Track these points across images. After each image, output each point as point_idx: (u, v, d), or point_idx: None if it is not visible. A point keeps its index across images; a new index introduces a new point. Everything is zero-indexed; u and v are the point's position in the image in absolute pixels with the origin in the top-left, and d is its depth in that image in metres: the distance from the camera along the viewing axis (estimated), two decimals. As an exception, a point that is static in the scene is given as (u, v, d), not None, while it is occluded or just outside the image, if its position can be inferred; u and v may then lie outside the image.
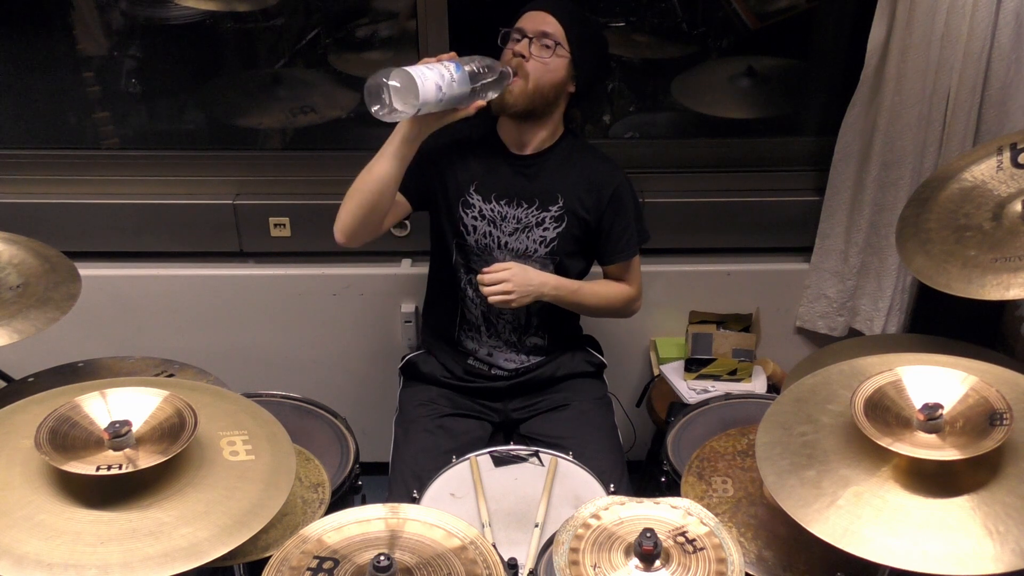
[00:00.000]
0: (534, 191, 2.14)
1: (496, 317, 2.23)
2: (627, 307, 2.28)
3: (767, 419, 1.67)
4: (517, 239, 2.15)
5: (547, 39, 2.02)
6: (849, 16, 2.64)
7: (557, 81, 2.06)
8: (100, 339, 2.65)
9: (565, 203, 2.13)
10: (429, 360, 2.31)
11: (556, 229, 2.14)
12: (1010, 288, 1.79)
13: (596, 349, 2.39)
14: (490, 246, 2.16)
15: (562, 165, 2.15)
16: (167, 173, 2.68)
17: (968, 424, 1.50)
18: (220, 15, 2.72)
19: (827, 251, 2.62)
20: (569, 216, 2.14)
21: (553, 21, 2.04)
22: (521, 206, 2.14)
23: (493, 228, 2.15)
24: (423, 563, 1.44)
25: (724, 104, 2.83)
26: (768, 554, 1.72)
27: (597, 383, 2.33)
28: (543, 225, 2.14)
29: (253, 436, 1.63)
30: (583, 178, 2.15)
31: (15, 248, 2.08)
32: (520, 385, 2.27)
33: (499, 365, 2.27)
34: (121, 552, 1.39)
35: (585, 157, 2.17)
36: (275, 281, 2.70)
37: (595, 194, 2.14)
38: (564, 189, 2.14)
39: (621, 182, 2.16)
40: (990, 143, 2.07)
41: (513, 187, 2.14)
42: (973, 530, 1.40)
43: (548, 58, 2.03)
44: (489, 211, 2.15)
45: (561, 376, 2.29)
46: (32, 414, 1.57)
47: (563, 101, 2.12)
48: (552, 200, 2.13)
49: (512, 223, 2.15)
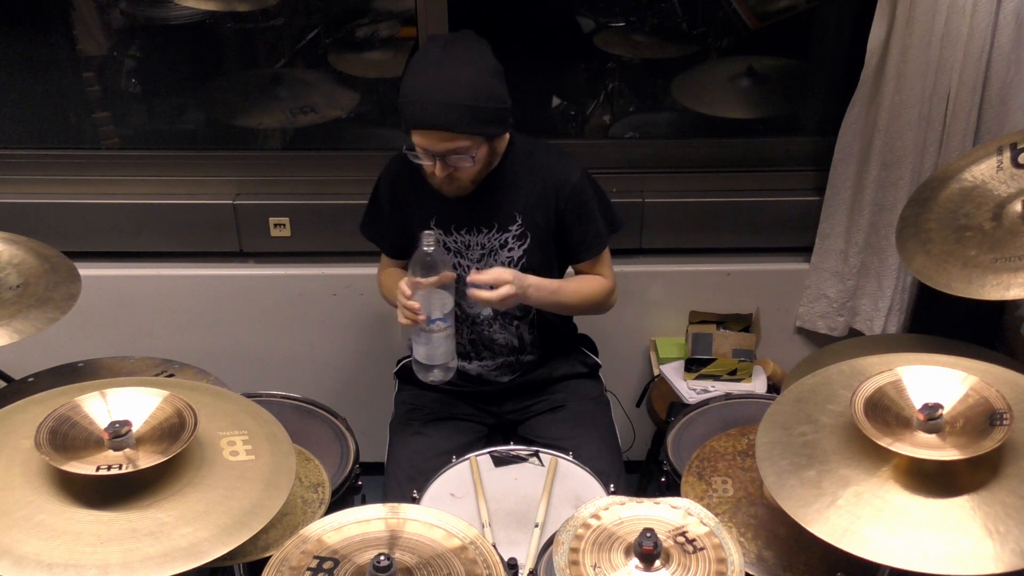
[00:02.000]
0: (491, 214, 2.07)
1: (486, 342, 2.21)
2: (607, 300, 2.19)
3: (767, 419, 1.67)
4: (485, 264, 2.09)
5: (457, 152, 1.89)
6: (849, 16, 2.64)
7: (486, 160, 1.97)
8: (100, 339, 2.65)
9: (524, 219, 2.06)
10: None
11: (521, 247, 2.08)
12: (1010, 288, 1.79)
13: (591, 350, 2.38)
14: (461, 276, 2.07)
15: (514, 180, 2.06)
16: (167, 173, 2.68)
17: (968, 424, 1.50)
18: (220, 15, 2.72)
19: (827, 251, 2.62)
20: (531, 231, 2.07)
21: (452, 137, 1.87)
22: (481, 232, 2.08)
23: (460, 258, 2.10)
24: (423, 563, 1.44)
25: (724, 104, 2.83)
26: (768, 554, 1.72)
27: (593, 383, 2.33)
28: (507, 246, 2.08)
29: (253, 436, 1.63)
30: (537, 186, 2.06)
31: (15, 248, 2.08)
32: (515, 389, 2.26)
33: (492, 380, 2.26)
34: (121, 552, 1.39)
35: (536, 162, 2.07)
36: (275, 281, 2.70)
37: (551, 198, 2.06)
38: (520, 205, 2.06)
39: (577, 179, 2.06)
40: (990, 143, 2.07)
41: (470, 214, 2.07)
42: (973, 530, 1.40)
43: (470, 164, 1.92)
44: (452, 243, 2.09)
45: (557, 377, 2.28)
46: (32, 414, 1.57)
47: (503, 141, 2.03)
48: (510, 220, 2.06)
49: (477, 250, 2.09)
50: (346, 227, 2.43)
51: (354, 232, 2.33)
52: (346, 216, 2.43)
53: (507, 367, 2.24)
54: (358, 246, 2.37)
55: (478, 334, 2.19)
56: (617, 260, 2.68)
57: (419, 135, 1.90)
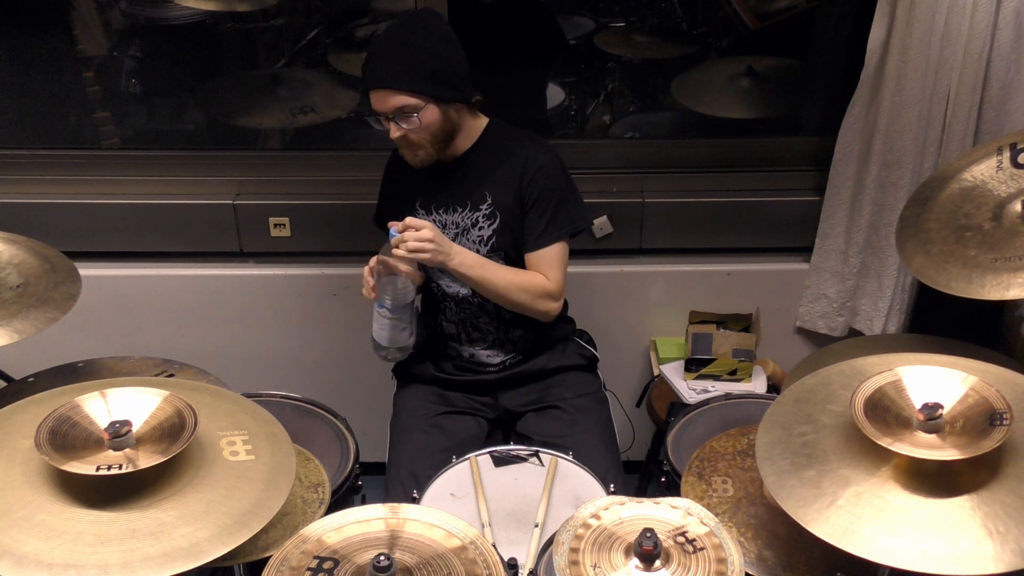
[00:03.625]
0: (464, 193, 2.14)
1: (474, 322, 2.23)
2: (541, 301, 2.11)
3: (767, 419, 1.67)
4: (459, 243, 2.11)
5: (403, 111, 1.98)
6: (849, 16, 2.64)
7: (439, 126, 2.03)
8: (100, 339, 2.65)
9: (493, 199, 2.12)
10: (420, 360, 2.32)
11: (491, 226, 2.13)
12: (1010, 288, 1.79)
13: (588, 342, 2.39)
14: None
15: (488, 160, 2.13)
16: (167, 173, 2.68)
17: (968, 424, 1.50)
18: (220, 15, 2.72)
19: (827, 251, 2.62)
20: (500, 211, 2.12)
21: (394, 93, 1.97)
22: (456, 211, 2.14)
23: None
24: (423, 563, 1.44)
25: (724, 104, 2.83)
26: (768, 554, 1.72)
27: (591, 377, 2.33)
28: (478, 225, 2.13)
29: (253, 436, 1.63)
30: (507, 166, 2.11)
31: (15, 248, 2.08)
32: (511, 377, 2.27)
33: (484, 362, 2.27)
34: (121, 552, 1.39)
35: (510, 145, 2.13)
36: (275, 281, 2.70)
37: (518, 178, 2.10)
38: (491, 185, 2.12)
39: (545, 162, 2.10)
40: (990, 143, 2.07)
41: (448, 194, 2.15)
42: (973, 530, 1.40)
43: (417, 124, 2.00)
44: (433, 222, 2.12)
45: (552, 369, 2.28)
46: (32, 414, 1.57)
47: (463, 115, 2.08)
48: (481, 199, 2.12)
49: (452, 229, 2.15)
50: (346, 227, 2.44)
51: (354, 232, 2.34)
52: (346, 216, 2.44)
53: (497, 345, 2.24)
54: (358, 246, 2.38)
55: (466, 313, 2.21)
56: (617, 260, 2.70)
57: (371, 96, 2.01)
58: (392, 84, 1.97)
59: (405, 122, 2.00)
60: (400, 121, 2.00)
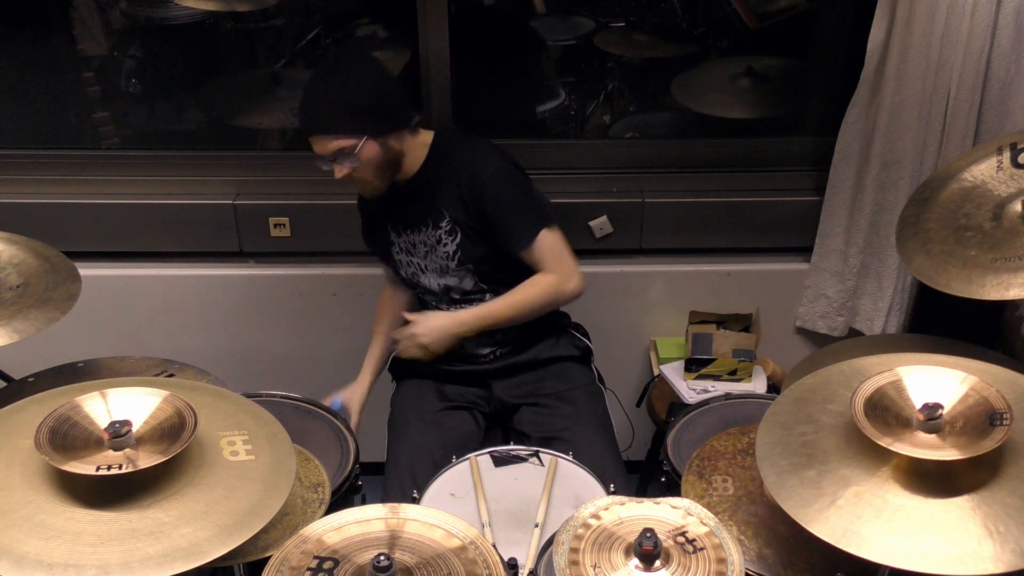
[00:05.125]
0: (423, 213, 2.16)
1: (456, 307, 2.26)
2: (558, 294, 2.16)
3: (767, 419, 1.67)
4: (430, 261, 2.20)
5: (342, 152, 2.02)
6: (849, 16, 2.64)
7: (381, 158, 2.06)
8: (100, 339, 2.65)
9: (450, 216, 2.13)
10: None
11: (454, 242, 2.15)
12: (1010, 288, 1.79)
13: (582, 333, 2.39)
14: (416, 273, 2.24)
15: (437, 177, 2.14)
16: (167, 173, 2.68)
17: (968, 424, 1.50)
18: (220, 15, 2.72)
19: (827, 251, 2.62)
20: (459, 226, 2.14)
21: (330, 138, 2.02)
22: (420, 230, 2.18)
23: (412, 257, 2.23)
24: (423, 563, 1.44)
25: (724, 104, 2.83)
26: (768, 552, 1.72)
27: (585, 369, 2.33)
28: (442, 242, 2.16)
29: (253, 436, 1.63)
30: (456, 180, 2.12)
31: (15, 248, 2.08)
32: (504, 368, 2.28)
33: (475, 353, 2.28)
34: (121, 552, 1.39)
35: (455, 156, 2.14)
36: (275, 281, 2.70)
37: (467, 194, 2.11)
38: (444, 203, 2.13)
39: (489, 174, 2.10)
40: (990, 143, 2.07)
41: (409, 215, 2.19)
42: (973, 530, 1.40)
43: (358, 162, 2.03)
44: (404, 243, 2.22)
45: (545, 359, 2.29)
46: (32, 414, 1.57)
47: (404, 140, 2.10)
48: (439, 216, 2.14)
49: (421, 248, 2.19)
50: (346, 227, 2.44)
51: (354, 232, 2.34)
52: (346, 216, 2.44)
53: (487, 336, 2.25)
54: (358, 246, 2.38)
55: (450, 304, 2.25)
56: (617, 260, 2.70)
57: (314, 144, 2.05)
58: (326, 129, 2.01)
59: (347, 162, 2.03)
60: (342, 162, 2.03)
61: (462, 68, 2.53)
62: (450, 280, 2.21)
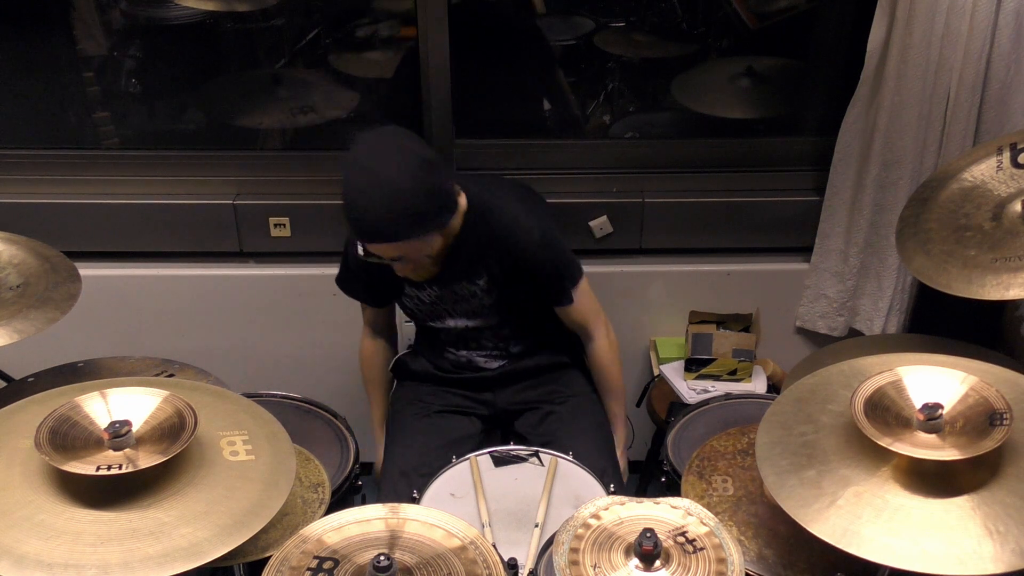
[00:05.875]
0: (459, 273, 2.11)
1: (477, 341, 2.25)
2: (612, 346, 2.25)
3: (767, 419, 1.67)
4: (460, 307, 2.17)
5: (402, 258, 1.96)
6: (849, 16, 2.64)
7: (442, 244, 2.00)
8: (100, 339, 2.64)
9: (488, 275, 2.10)
10: (418, 358, 2.33)
11: (490, 296, 2.14)
12: (1010, 288, 1.79)
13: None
14: (440, 314, 2.20)
15: (477, 242, 2.06)
16: (167, 173, 2.68)
17: (968, 424, 1.50)
18: (220, 15, 2.72)
19: (827, 251, 2.62)
20: (496, 285, 2.12)
21: (392, 246, 1.92)
22: (450, 286, 2.13)
23: (437, 304, 2.18)
24: (423, 563, 1.44)
25: (724, 104, 2.83)
26: (768, 552, 1.72)
27: (585, 374, 2.34)
28: (477, 296, 2.14)
29: (253, 436, 1.63)
30: (495, 247, 2.07)
31: (15, 248, 2.08)
32: (507, 375, 2.28)
33: (483, 367, 2.28)
34: (121, 552, 1.39)
35: (490, 227, 2.06)
36: (275, 281, 2.70)
37: (509, 259, 2.08)
38: (483, 264, 2.09)
39: (534, 240, 2.07)
40: (990, 143, 2.07)
41: (442, 276, 2.11)
42: (973, 530, 1.40)
43: (424, 259, 1.99)
44: (427, 296, 2.17)
45: (547, 366, 2.29)
46: (32, 414, 1.57)
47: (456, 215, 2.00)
48: (477, 275, 2.11)
49: (450, 297, 2.15)
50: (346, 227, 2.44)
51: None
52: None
53: (496, 356, 2.26)
54: (358, 246, 2.38)
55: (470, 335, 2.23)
56: (617, 260, 2.70)
57: (371, 247, 1.94)
58: (395, 238, 1.89)
59: (408, 263, 1.98)
60: (402, 264, 1.98)
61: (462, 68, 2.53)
62: (479, 322, 2.20)
